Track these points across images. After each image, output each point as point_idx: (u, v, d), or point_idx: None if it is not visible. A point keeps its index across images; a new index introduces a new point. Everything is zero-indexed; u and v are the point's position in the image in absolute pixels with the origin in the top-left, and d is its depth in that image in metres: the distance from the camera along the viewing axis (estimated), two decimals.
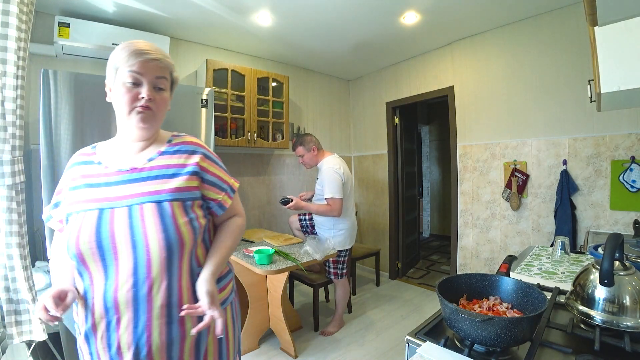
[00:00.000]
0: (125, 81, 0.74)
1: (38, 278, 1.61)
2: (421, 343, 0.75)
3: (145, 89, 0.76)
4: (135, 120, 0.76)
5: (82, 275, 0.73)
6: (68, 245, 0.72)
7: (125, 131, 0.81)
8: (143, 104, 0.76)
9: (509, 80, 2.52)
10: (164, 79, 0.79)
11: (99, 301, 0.71)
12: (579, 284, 0.81)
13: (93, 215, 0.72)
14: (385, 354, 2.17)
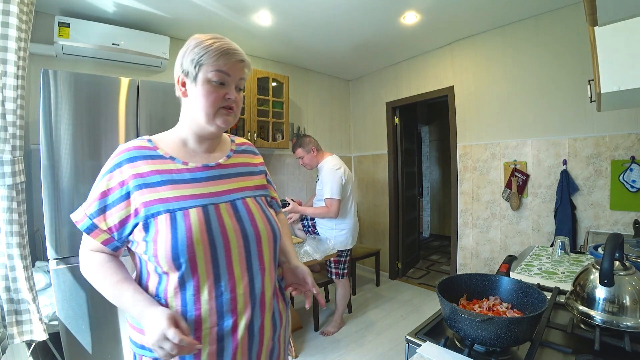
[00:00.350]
0: (212, 80, 0.69)
1: (38, 278, 1.61)
2: (421, 343, 0.75)
3: (231, 91, 0.72)
4: (219, 121, 0.72)
5: (184, 285, 0.65)
6: (172, 250, 0.63)
7: (194, 128, 0.74)
8: (229, 105, 0.72)
9: (509, 80, 2.52)
10: (244, 80, 0.76)
11: (211, 308, 0.66)
12: (579, 284, 0.81)
13: (197, 212, 0.67)
14: (385, 354, 2.17)
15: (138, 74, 2.41)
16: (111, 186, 0.67)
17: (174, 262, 0.63)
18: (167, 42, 2.31)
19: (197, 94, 0.70)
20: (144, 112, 1.73)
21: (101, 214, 0.66)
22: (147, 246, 0.65)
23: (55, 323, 1.53)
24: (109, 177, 0.67)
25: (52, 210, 1.49)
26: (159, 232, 0.64)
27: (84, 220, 0.67)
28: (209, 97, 0.69)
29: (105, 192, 0.67)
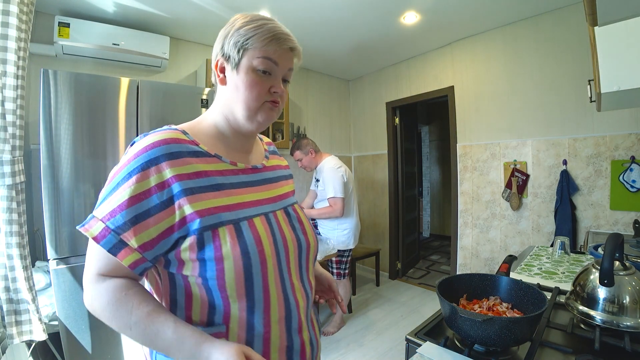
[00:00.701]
0: (258, 68, 0.59)
1: (38, 278, 1.61)
2: (421, 343, 0.75)
3: (278, 82, 0.62)
4: (261, 117, 0.61)
5: (253, 308, 0.55)
6: (245, 267, 0.53)
7: (231, 121, 0.63)
8: (275, 99, 0.62)
9: (509, 80, 2.52)
10: (292, 70, 0.65)
11: (281, 328, 0.58)
12: (579, 284, 0.81)
13: (262, 221, 0.59)
14: (385, 354, 2.17)
15: (138, 74, 2.41)
16: (145, 188, 0.51)
17: (247, 282, 0.54)
18: (167, 42, 2.31)
19: (239, 84, 0.59)
20: (144, 112, 1.73)
21: (131, 226, 0.50)
22: (206, 266, 0.52)
23: (55, 323, 1.53)
24: (140, 177, 0.51)
25: (52, 210, 1.48)
26: (222, 247, 0.53)
27: (106, 235, 0.49)
28: (253, 88, 0.59)
29: (137, 197, 0.50)
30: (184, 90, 1.95)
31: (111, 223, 0.50)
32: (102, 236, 0.50)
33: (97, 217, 0.51)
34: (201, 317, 0.55)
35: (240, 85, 0.59)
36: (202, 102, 1.95)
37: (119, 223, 0.49)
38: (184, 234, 0.52)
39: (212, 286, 0.53)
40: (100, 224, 0.50)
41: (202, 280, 0.53)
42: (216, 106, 0.65)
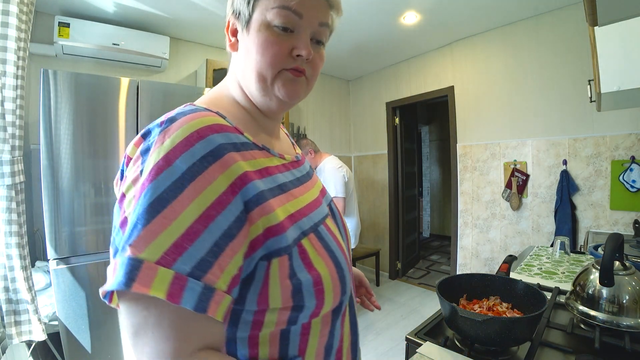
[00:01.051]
0: (273, 22, 0.43)
1: (38, 278, 1.61)
2: (421, 343, 0.75)
3: (303, 42, 0.45)
4: (280, 91, 0.46)
5: (338, 313, 0.46)
6: (338, 271, 0.43)
7: (256, 102, 0.49)
8: (298, 66, 0.46)
9: (509, 80, 2.52)
10: (326, 27, 0.48)
11: (351, 327, 0.50)
12: (579, 284, 0.81)
13: (324, 231, 0.47)
14: (385, 354, 2.17)
15: (138, 74, 2.41)
16: (217, 195, 0.34)
17: (342, 294, 0.44)
18: (167, 42, 2.31)
19: (250, 46, 0.45)
20: (144, 112, 1.73)
21: (215, 259, 0.33)
22: (302, 291, 0.39)
23: (55, 323, 1.53)
24: (207, 178, 0.34)
25: (52, 210, 1.48)
26: (313, 263, 0.41)
27: (185, 285, 0.30)
28: (266, 50, 0.43)
29: (211, 211, 0.33)
30: (184, 90, 1.95)
31: (184, 263, 0.31)
32: (178, 289, 0.30)
33: (149, 260, 0.30)
34: (271, 351, 0.40)
35: (251, 48, 0.44)
36: None
37: (196, 259, 0.31)
38: (264, 255, 0.37)
39: (303, 315, 0.40)
40: (164, 271, 0.30)
41: (290, 310, 0.39)
42: (231, 78, 0.51)
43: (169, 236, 0.31)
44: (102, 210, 1.61)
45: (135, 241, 0.31)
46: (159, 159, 0.34)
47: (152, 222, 0.31)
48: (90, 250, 1.57)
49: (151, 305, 0.31)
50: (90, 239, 1.58)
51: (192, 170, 0.34)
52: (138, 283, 0.29)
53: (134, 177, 0.36)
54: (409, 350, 0.79)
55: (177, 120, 0.37)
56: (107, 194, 1.63)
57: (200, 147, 0.35)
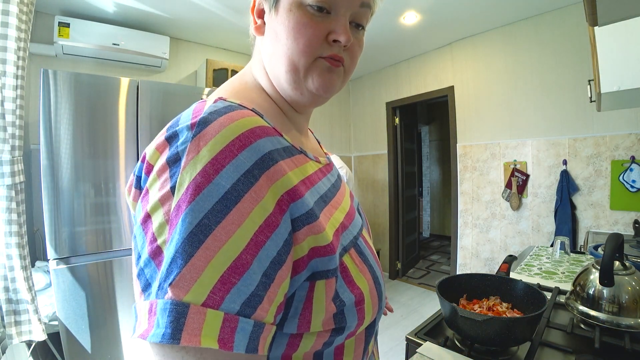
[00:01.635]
0: (306, 2, 0.37)
1: (38, 278, 1.61)
2: (421, 343, 0.75)
3: (341, 25, 0.38)
4: (315, 83, 0.39)
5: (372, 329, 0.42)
6: (377, 286, 0.40)
7: (285, 95, 0.43)
8: (335, 53, 0.39)
9: (509, 80, 2.52)
10: (368, 8, 0.41)
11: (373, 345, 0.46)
12: (579, 284, 0.81)
13: (362, 243, 0.43)
14: (385, 354, 2.17)
15: (138, 74, 2.41)
16: (264, 218, 0.29)
17: (379, 309, 0.40)
18: (167, 42, 2.31)
19: (279, 29, 0.38)
20: (144, 112, 1.73)
21: (265, 292, 0.28)
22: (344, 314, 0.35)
23: (55, 323, 1.53)
24: (254, 197, 0.29)
25: (52, 210, 1.48)
26: (355, 280, 0.37)
27: (236, 326, 0.26)
28: (299, 34, 0.37)
29: (260, 236, 0.29)
30: (184, 90, 1.95)
31: (232, 301, 0.26)
32: (229, 333, 0.26)
33: (195, 303, 0.25)
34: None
35: (281, 31, 0.38)
36: None
37: (245, 294, 0.27)
38: (309, 276, 0.33)
39: (341, 335, 0.36)
40: (213, 313, 0.25)
41: (330, 332, 0.35)
42: (257, 66, 0.44)
43: (214, 271, 0.26)
44: (102, 210, 1.61)
45: (177, 281, 0.25)
46: (196, 175, 0.28)
47: (195, 256, 0.26)
48: (90, 250, 1.57)
49: (191, 353, 0.25)
50: (90, 239, 1.58)
51: (236, 189, 0.28)
52: (186, 333, 0.24)
53: (162, 195, 0.29)
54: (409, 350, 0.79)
55: (212, 123, 0.30)
56: (107, 194, 1.63)
57: (245, 157, 0.29)
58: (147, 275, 0.29)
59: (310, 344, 0.35)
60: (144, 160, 0.34)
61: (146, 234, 0.30)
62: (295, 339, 0.34)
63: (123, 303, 1.65)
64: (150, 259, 0.29)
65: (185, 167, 0.28)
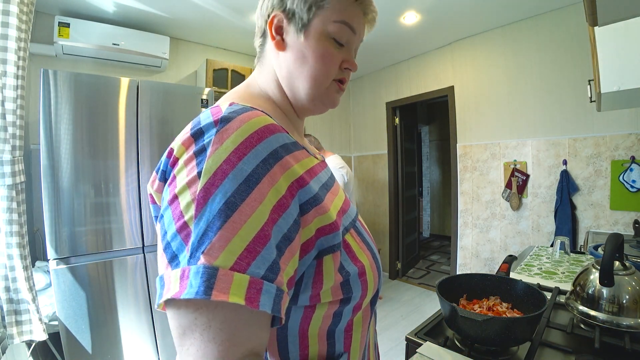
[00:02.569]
0: (333, 35, 0.46)
1: (38, 278, 1.61)
2: (421, 343, 0.75)
3: (352, 57, 0.49)
4: (328, 100, 0.49)
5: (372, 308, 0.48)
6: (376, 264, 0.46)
7: (290, 98, 0.50)
8: (344, 78, 0.50)
9: (509, 80, 2.52)
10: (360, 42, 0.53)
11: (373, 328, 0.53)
12: (579, 284, 0.81)
13: (359, 226, 0.50)
14: (385, 354, 2.17)
15: (138, 74, 2.41)
16: (278, 198, 0.35)
17: (379, 282, 0.47)
18: (167, 42, 2.31)
19: (307, 53, 0.45)
20: (144, 112, 1.73)
21: (279, 259, 0.33)
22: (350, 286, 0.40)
23: (55, 323, 1.53)
24: (270, 181, 0.34)
25: (52, 210, 1.48)
26: (358, 256, 0.43)
27: (261, 288, 0.31)
28: (326, 61, 0.46)
29: (274, 214, 0.34)
30: (184, 90, 1.95)
31: (256, 267, 0.31)
32: (255, 293, 0.30)
33: (223, 267, 0.29)
34: (320, 351, 0.42)
35: (310, 55, 0.45)
36: (202, 102, 1.95)
37: (268, 262, 0.32)
38: (318, 253, 0.39)
39: (349, 307, 0.41)
40: (240, 276, 0.30)
41: (338, 304, 0.40)
42: (267, 76, 0.50)
43: (241, 241, 0.31)
44: (102, 210, 1.61)
45: (208, 249, 0.30)
46: (222, 162, 0.33)
47: (224, 228, 0.31)
48: (90, 250, 1.58)
49: (203, 308, 0.30)
50: (90, 239, 1.58)
51: (257, 173, 0.33)
52: (216, 291, 0.29)
53: (190, 179, 0.33)
54: (409, 350, 0.79)
55: (233, 120, 0.36)
56: (107, 194, 1.63)
57: (262, 148, 0.35)
58: (173, 248, 0.33)
59: (323, 313, 0.40)
60: (169, 156, 0.38)
61: (173, 212, 0.34)
62: (309, 311, 0.39)
63: (123, 303, 1.65)
64: (176, 233, 0.33)
65: (212, 156, 0.33)
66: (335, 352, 0.43)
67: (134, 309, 1.68)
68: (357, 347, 0.45)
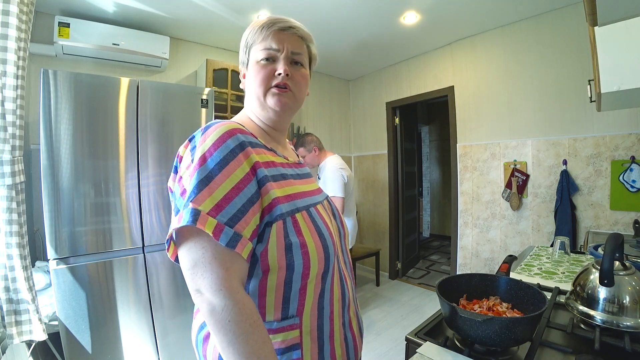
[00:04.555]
0: (260, 59, 0.62)
1: (38, 278, 1.61)
2: (421, 343, 0.75)
3: (280, 64, 0.62)
4: (271, 103, 0.62)
5: (323, 292, 0.60)
6: (324, 247, 0.58)
7: (262, 119, 0.66)
8: (280, 81, 0.62)
9: (509, 80, 2.52)
10: (300, 54, 0.65)
11: (340, 307, 0.63)
12: (579, 284, 0.81)
13: (314, 212, 0.62)
14: (385, 354, 2.17)
15: (138, 74, 2.41)
16: (244, 174, 0.52)
17: (325, 266, 0.58)
18: (167, 42, 2.31)
19: (249, 80, 0.64)
20: (144, 112, 1.73)
21: (242, 216, 0.50)
22: (292, 253, 0.54)
23: (55, 323, 1.53)
24: (237, 162, 0.52)
25: (52, 210, 1.48)
26: (303, 232, 0.56)
27: (222, 230, 0.48)
28: (257, 77, 0.62)
29: (239, 185, 0.51)
30: (184, 90, 1.95)
31: (222, 216, 0.48)
32: (218, 231, 0.47)
33: (203, 210, 0.47)
34: (275, 313, 0.55)
35: (250, 80, 0.64)
36: (202, 102, 1.95)
37: (229, 215, 0.49)
38: (269, 220, 0.54)
39: (296, 275, 0.55)
40: (211, 219, 0.47)
41: (285, 270, 0.54)
42: (246, 107, 0.70)
43: (213, 199, 0.49)
44: (102, 210, 1.61)
45: (195, 199, 0.48)
46: (205, 151, 0.52)
47: (204, 190, 0.49)
48: (90, 250, 1.57)
49: (207, 245, 0.48)
50: (90, 239, 1.58)
51: (226, 158, 0.52)
52: (199, 223, 0.46)
53: (187, 164, 0.53)
54: (409, 350, 0.79)
55: (211, 127, 0.55)
56: (107, 194, 1.63)
57: (230, 142, 0.53)
58: (178, 207, 0.52)
59: (275, 280, 0.54)
60: (177, 156, 0.58)
61: (180, 184, 0.54)
62: (263, 280, 0.55)
63: (123, 303, 1.65)
64: (180, 196, 0.52)
65: (198, 149, 0.53)
66: (288, 314, 0.56)
67: (134, 309, 1.68)
68: (309, 311, 0.57)
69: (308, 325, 0.57)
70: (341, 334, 0.63)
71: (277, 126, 0.68)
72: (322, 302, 0.59)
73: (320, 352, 0.59)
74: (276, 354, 0.51)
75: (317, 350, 0.58)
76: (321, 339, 0.59)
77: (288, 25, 0.64)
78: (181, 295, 1.84)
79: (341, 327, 0.63)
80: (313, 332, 0.58)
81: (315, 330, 0.58)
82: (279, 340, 0.54)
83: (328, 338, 0.60)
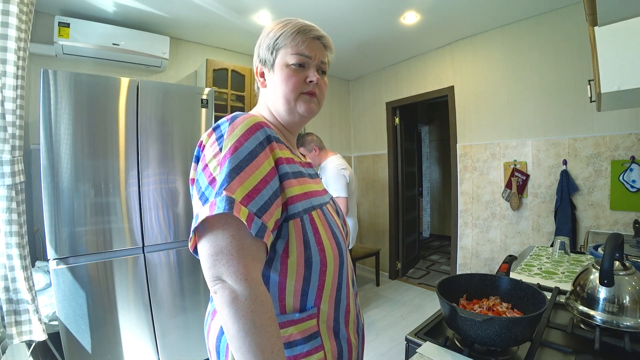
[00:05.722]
0: (290, 63, 0.63)
1: (38, 278, 1.61)
2: (421, 343, 0.75)
3: (312, 72, 0.65)
4: (301, 109, 0.65)
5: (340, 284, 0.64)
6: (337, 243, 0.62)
7: (276, 118, 0.68)
8: (311, 89, 0.65)
9: (509, 80, 2.52)
10: (325, 63, 0.68)
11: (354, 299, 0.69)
12: (579, 284, 0.81)
13: (327, 211, 0.65)
14: (385, 354, 2.17)
15: (138, 74, 2.41)
16: (270, 168, 0.54)
17: (340, 262, 0.62)
18: (167, 42, 2.31)
19: (277, 81, 0.64)
20: (144, 112, 1.73)
21: (268, 208, 0.51)
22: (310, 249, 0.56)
23: (55, 323, 1.53)
24: (265, 155, 0.54)
25: (52, 210, 1.48)
26: (319, 230, 0.59)
27: (253, 219, 0.48)
28: (289, 81, 0.63)
29: (267, 177, 0.53)
30: (184, 90, 1.95)
31: (252, 206, 0.49)
32: (250, 221, 0.47)
33: (236, 199, 0.47)
34: (294, 305, 0.58)
35: (278, 82, 0.64)
36: (202, 102, 1.95)
37: (258, 205, 0.49)
38: (287, 215, 0.55)
39: (314, 270, 0.57)
40: (244, 208, 0.48)
41: (304, 267, 0.56)
42: (262, 107, 0.70)
43: (245, 188, 0.49)
44: (102, 210, 1.61)
45: (228, 187, 0.48)
46: (235, 141, 0.52)
47: (236, 179, 0.49)
48: (90, 250, 1.58)
49: (236, 234, 0.48)
50: (90, 239, 1.58)
51: (256, 149, 0.53)
52: (234, 210, 0.46)
53: (214, 153, 0.53)
54: (409, 350, 0.79)
55: (239, 117, 0.56)
56: (107, 194, 1.63)
57: (259, 134, 0.55)
58: (207, 194, 0.51)
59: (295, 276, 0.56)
60: (200, 145, 0.58)
61: (205, 173, 0.53)
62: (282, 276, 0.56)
63: (123, 303, 1.65)
64: (208, 185, 0.52)
65: (227, 138, 0.53)
66: (307, 307, 0.58)
67: (134, 309, 1.68)
68: (326, 304, 0.60)
69: (325, 315, 0.60)
70: (354, 324, 0.67)
71: (293, 129, 0.71)
72: (339, 295, 0.63)
73: (337, 339, 0.62)
74: (299, 344, 0.56)
75: (334, 338, 0.61)
76: (337, 328, 0.62)
77: (320, 34, 0.66)
78: (181, 295, 1.84)
79: (355, 318, 0.68)
80: (329, 321, 0.61)
81: (331, 320, 0.61)
82: (301, 330, 0.57)
83: (344, 327, 0.64)
